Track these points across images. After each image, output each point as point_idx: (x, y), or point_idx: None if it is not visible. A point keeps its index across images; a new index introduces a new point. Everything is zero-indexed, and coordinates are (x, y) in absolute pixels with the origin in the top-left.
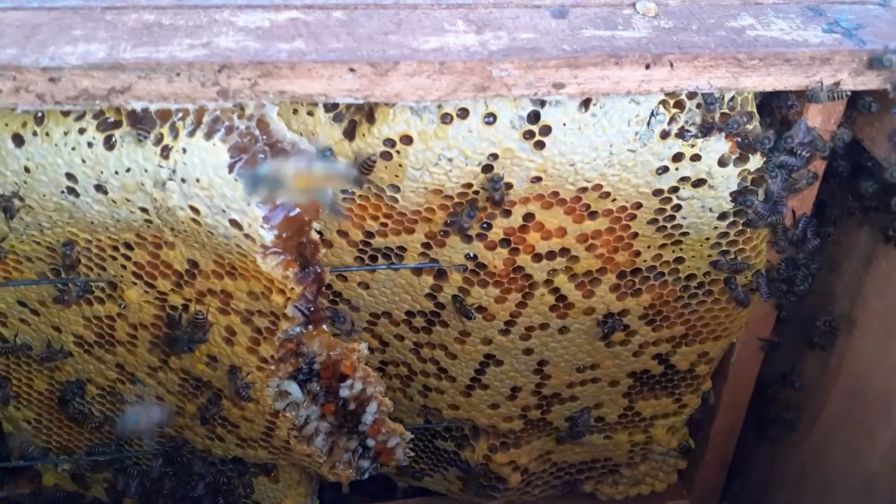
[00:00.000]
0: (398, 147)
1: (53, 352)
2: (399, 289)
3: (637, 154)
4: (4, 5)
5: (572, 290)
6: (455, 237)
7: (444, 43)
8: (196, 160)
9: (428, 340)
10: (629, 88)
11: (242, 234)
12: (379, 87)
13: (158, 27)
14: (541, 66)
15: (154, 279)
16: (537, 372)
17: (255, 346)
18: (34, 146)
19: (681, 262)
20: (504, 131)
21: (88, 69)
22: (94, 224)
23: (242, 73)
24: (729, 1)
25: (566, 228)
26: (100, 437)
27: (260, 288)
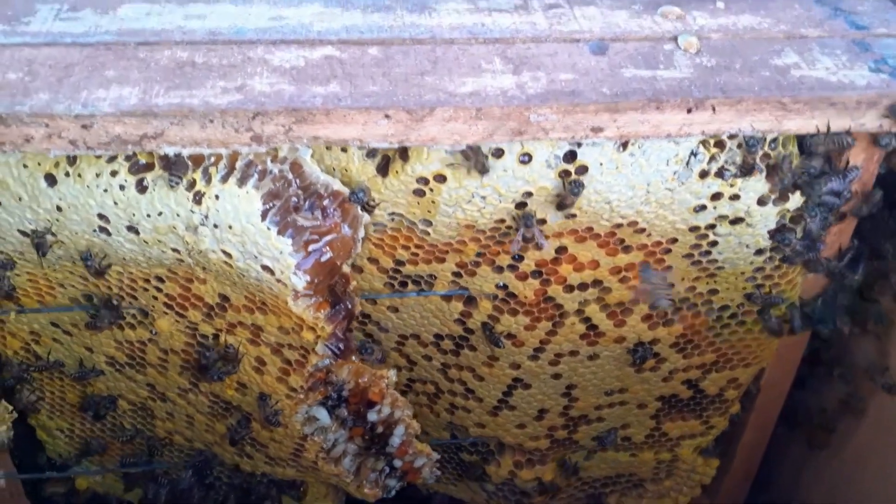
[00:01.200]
0: (431, 185)
1: (86, 371)
2: (428, 313)
3: (675, 192)
4: (38, 41)
5: (603, 320)
6: (486, 267)
7: (480, 86)
8: (229, 207)
9: (456, 362)
10: (669, 132)
11: (274, 279)
12: (414, 131)
13: (191, 66)
14: (579, 111)
15: (185, 310)
16: (565, 395)
17: (284, 376)
18: (66, 187)
19: (714, 293)
20: (539, 170)
21: (121, 116)
22: (126, 259)
23: (276, 120)
24: (773, 34)
25: (599, 261)
26: (132, 448)
27: (290, 324)
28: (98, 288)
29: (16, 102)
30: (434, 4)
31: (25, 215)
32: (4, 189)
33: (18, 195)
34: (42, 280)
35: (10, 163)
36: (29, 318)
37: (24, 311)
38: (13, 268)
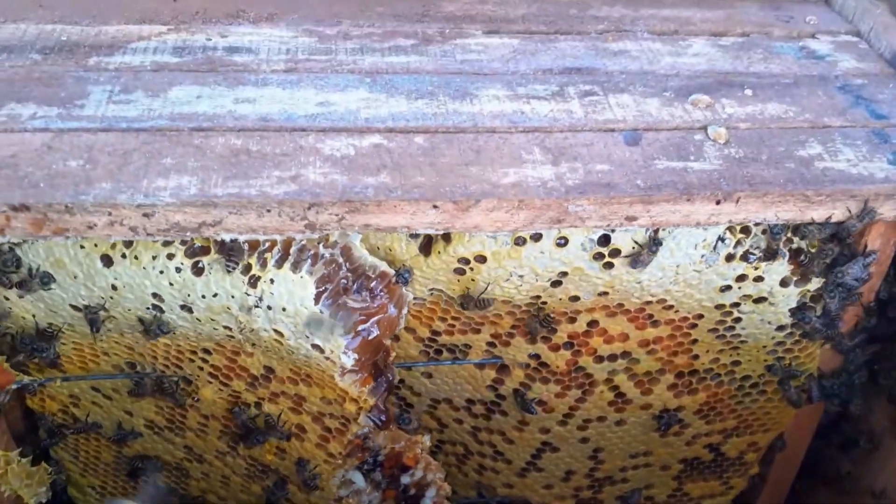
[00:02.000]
0: (472, 265)
1: (125, 433)
2: (461, 379)
3: (702, 274)
4: (94, 125)
5: (631, 388)
6: (520, 338)
7: (522, 176)
8: (283, 291)
9: (486, 426)
10: (699, 220)
11: (323, 357)
12: (459, 220)
13: (246, 155)
14: (615, 203)
15: (229, 380)
16: (592, 458)
17: (324, 442)
18: (122, 268)
19: (737, 364)
20: (575, 253)
21: (181, 206)
22: (176, 333)
23: (331, 210)
24: (798, 123)
25: (629, 334)
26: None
27: (333, 395)
28: (143, 357)
29: (80, 192)
30: (475, 91)
31: (79, 292)
32: (60, 267)
33: (74, 273)
34: (87, 349)
35: (67, 243)
36: (70, 382)
37: (70, 378)
38: (60, 339)
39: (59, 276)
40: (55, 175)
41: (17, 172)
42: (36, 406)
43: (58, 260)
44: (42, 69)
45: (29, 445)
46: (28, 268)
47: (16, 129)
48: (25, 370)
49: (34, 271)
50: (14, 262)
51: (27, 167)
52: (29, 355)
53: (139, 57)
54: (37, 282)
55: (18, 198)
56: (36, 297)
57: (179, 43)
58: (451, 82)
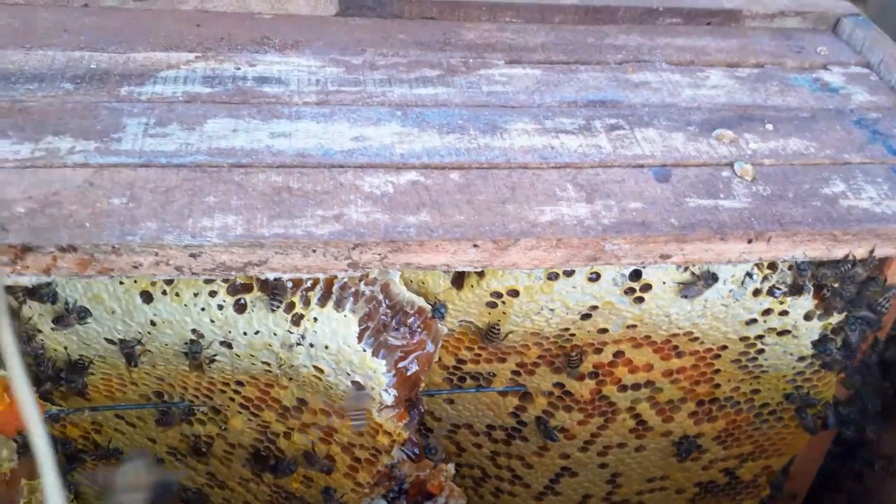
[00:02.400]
0: (504, 299)
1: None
2: (483, 406)
3: (729, 308)
4: (133, 161)
5: (653, 416)
6: (545, 367)
7: (558, 215)
8: (327, 330)
9: (506, 451)
10: (730, 258)
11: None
12: (498, 258)
13: (288, 193)
14: (650, 242)
15: (260, 411)
16: (609, 482)
17: (352, 472)
18: (163, 304)
19: (756, 392)
20: (606, 287)
21: (228, 246)
22: (211, 367)
23: (374, 250)
24: (819, 160)
25: (653, 364)
26: None
27: (366, 428)
28: (173, 388)
29: (126, 232)
30: (504, 125)
31: (116, 326)
32: (98, 303)
33: (112, 309)
34: (115, 378)
35: (106, 280)
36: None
37: (98, 409)
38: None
39: (96, 312)
40: (100, 214)
41: (61, 211)
42: (57, 433)
43: (96, 295)
44: (75, 99)
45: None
46: (65, 302)
47: (56, 164)
48: (50, 399)
49: (71, 306)
50: (51, 297)
51: (71, 205)
52: (56, 385)
53: (170, 87)
54: (73, 317)
55: (66, 239)
56: (70, 330)
57: (209, 72)
58: (479, 115)
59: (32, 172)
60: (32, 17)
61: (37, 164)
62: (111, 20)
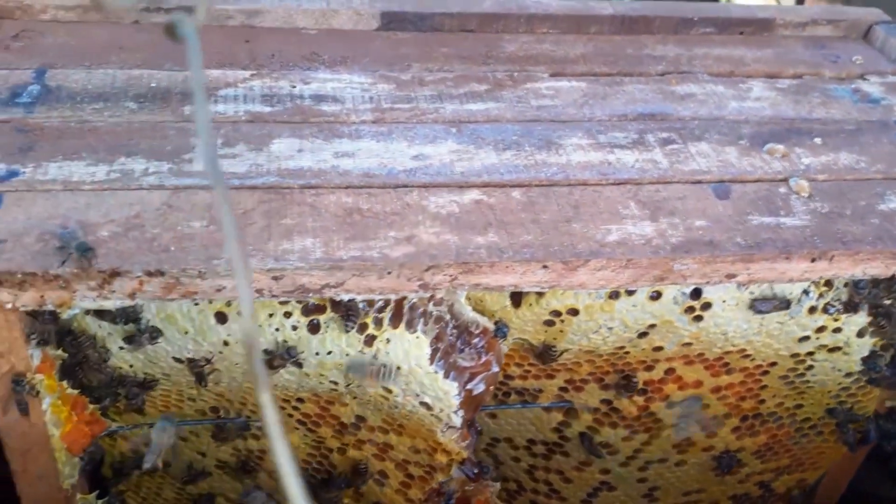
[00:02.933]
0: (563, 317)
1: (195, 474)
2: (526, 420)
3: (784, 325)
4: (205, 182)
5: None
6: (594, 384)
7: (625, 234)
8: (399, 351)
9: (545, 465)
10: (792, 277)
11: (430, 414)
12: (566, 279)
13: (359, 214)
14: (718, 262)
15: (317, 427)
16: (647, 496)
17: (404, 489)
18: (237, 325)
19: (799, 407)
20: (667, 306)
21: (309, 269)
22: (276, 385)
23: (446, 271)
24: (872, 175)
25: (703, 381)
26: None
27: (424, 446)
28: (231, 403)
29: (211, 256)
30: (558, 140)
31: (186, 346)
32: (171, 323)
33: (185, 329)
34: (174, 394)
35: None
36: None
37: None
38: (154, 388)
39: (168, 332)
40: (182, 238)
41: (144, 235)
42: (107, 446)
43: (169, 316)
44: (141, 119)
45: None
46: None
47: (132, 186)
48: (107, 414)
49: (143, 327)
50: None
51: (153, 229)
52: (114, 401)
53: (231, 106)
54: (146, 337)
55: (154, 264)
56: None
57: (266, 90)
58: (532, 131)
59: (111, 195)
60: (87, 35)
61: (114, 187)
62: (162, 36)
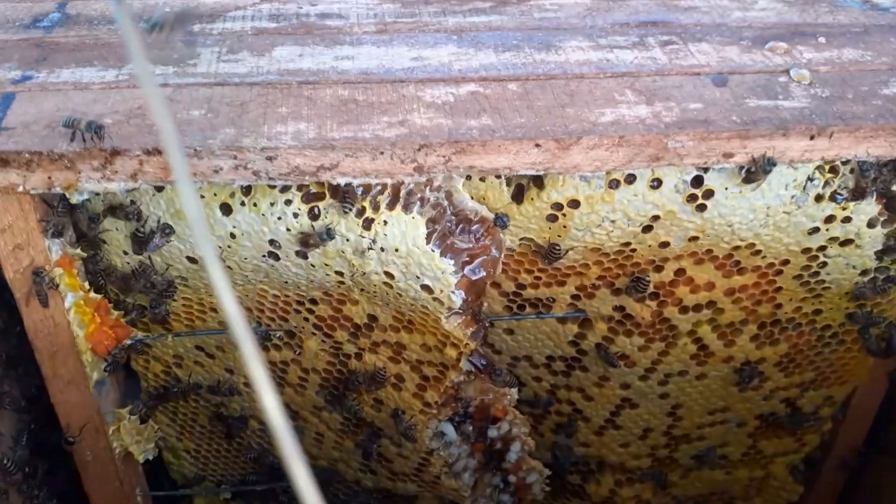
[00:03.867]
0: (565, 210)
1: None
2: (542, 335)
3: (791, 216)
4: (209, 80)
5: (714, 340)
6: (605, 289)
7: (619, 115)
8: (396, 232)
9: (566, 383)
10: (792, 157)
11: (431, 298)
12: (560, 160)
13: (354, 104)
14: (714, 138)
15: (333, 331)
16: (670, 414)
17: (421, 392)
18: (241, 215)
19: (818, 313)
20: (668, 195)
21: (302, 149)
22: (287, 283)
23: (439, 151)
24: (876, 66)
25: (715, 283)
26: (255, 467)
27: (434, 342)
28: (250, 311)
29: (206, 136)
30: (558, 43)
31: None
32: (180, 219)
33: None
34: (196, 305)
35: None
36: (175, 342)
37: (180, 335)
38: (174, 295)
39: (178, 228)
40: (181, 123)
41: (145, 122)
42: (140, 368)
43: (178, 211)
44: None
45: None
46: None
47: (138, 85)
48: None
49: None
50: (136, 216)
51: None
52: (140, 313)
53: (239, 24)
54: (159, 234)
55: (151, 143)
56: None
57: (274, 11)
58: (533, 37)
59: (118, 92)
60: None
61: (121, 86)
62: None
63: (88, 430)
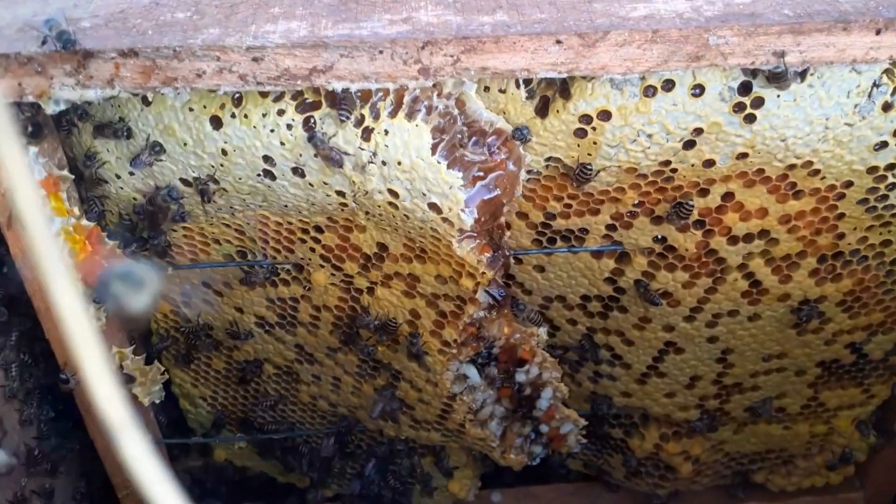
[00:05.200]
0: (594, 124)
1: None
2: (576, 272)
3: (854, 128)
4: None
5: (768, 276)
6: (643, 218)
7: (653, 10)
8: (398, 142)
9: (603, 326)
10: (855, 56)
11: (440, 218)
12: (585, 59)
13: (355, 3)
14: (762, 33)
15: (342, 262)
16: (720, 361)
17: (438, 329)
18: (232, 128)
19: (887, 244)
20: (712, 104)
21: (291, 48)
22: (288, 207)
23: (445, 49)
24: None
25: (768, 209)
26: (273, 415)
27: (449, 272)
28: (254, 243)
29: (188, 37)
30: None
31: (189, 162)
32: (170, 135)
33: (184, 140)
34: (197, 236)
35: (176, 107)
36: (180, 278)
37: (180, 267)
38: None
39: (168, 145)
40: (163, 24)
41: (125, 24)
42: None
43: (167, 127)
44: None
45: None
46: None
47: None
48: None
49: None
50: (125, 133)
51: (135, 19)
52: (141, 246)
53: None
54: (148, 152)
55: (127, 44)
56: (146, 173)
57: None
58: None
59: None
60: None
61: None
62: None
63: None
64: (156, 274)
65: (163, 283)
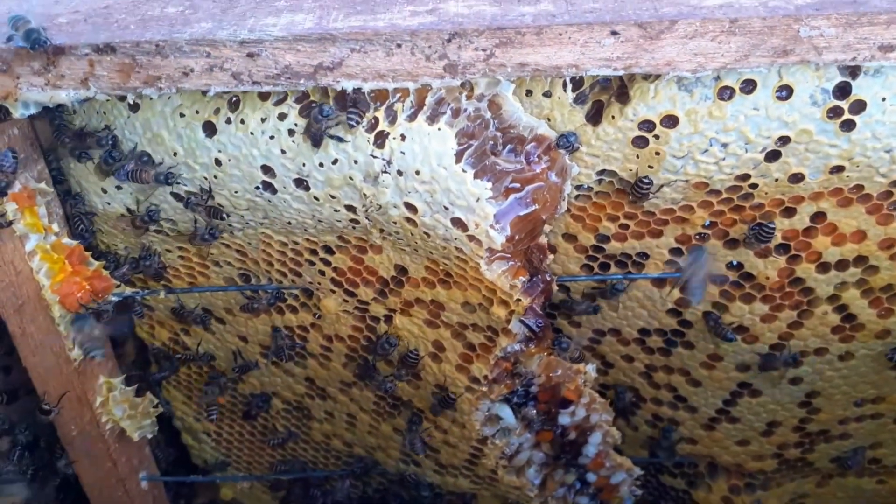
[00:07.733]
0: (657, 131)
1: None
2: (634, 302)
3: None
4: None
5: (864, 308)
6: (716, 241)
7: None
8: (417, 148)
9: (665, 364)
10: None
11: (466, 236)
12: (647, 53)
13: None
14: (865, 23)
15: (356, 287)
16: (804, 405)
17: (465, 363)
18: (227, 135)
19: None
20: (802, 108)
21: (293, 42)
22: (292, 225)
23: (476, 43)
24: None
25: (866, 232)
26: (282, 453)
27: (478, 299)
28: (257, 265)
29: (174, 31)
30: None
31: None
32: (159, 144)
33: (174, 149)
34: (195, 257)
35: (166, 112)
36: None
37: (175, 291)
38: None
39: (157, 155)
40: (150, 19)
41: (107, 20)
42: (145, 335)
43: (156, 135)
44: None
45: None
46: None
47: None
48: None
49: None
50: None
51: (119, 14)
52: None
53: None
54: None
55: (103, 39)
56: (136, 188)
57: None
58: None
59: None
60: None
61: None
62: None
63: (70, 399)
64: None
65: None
